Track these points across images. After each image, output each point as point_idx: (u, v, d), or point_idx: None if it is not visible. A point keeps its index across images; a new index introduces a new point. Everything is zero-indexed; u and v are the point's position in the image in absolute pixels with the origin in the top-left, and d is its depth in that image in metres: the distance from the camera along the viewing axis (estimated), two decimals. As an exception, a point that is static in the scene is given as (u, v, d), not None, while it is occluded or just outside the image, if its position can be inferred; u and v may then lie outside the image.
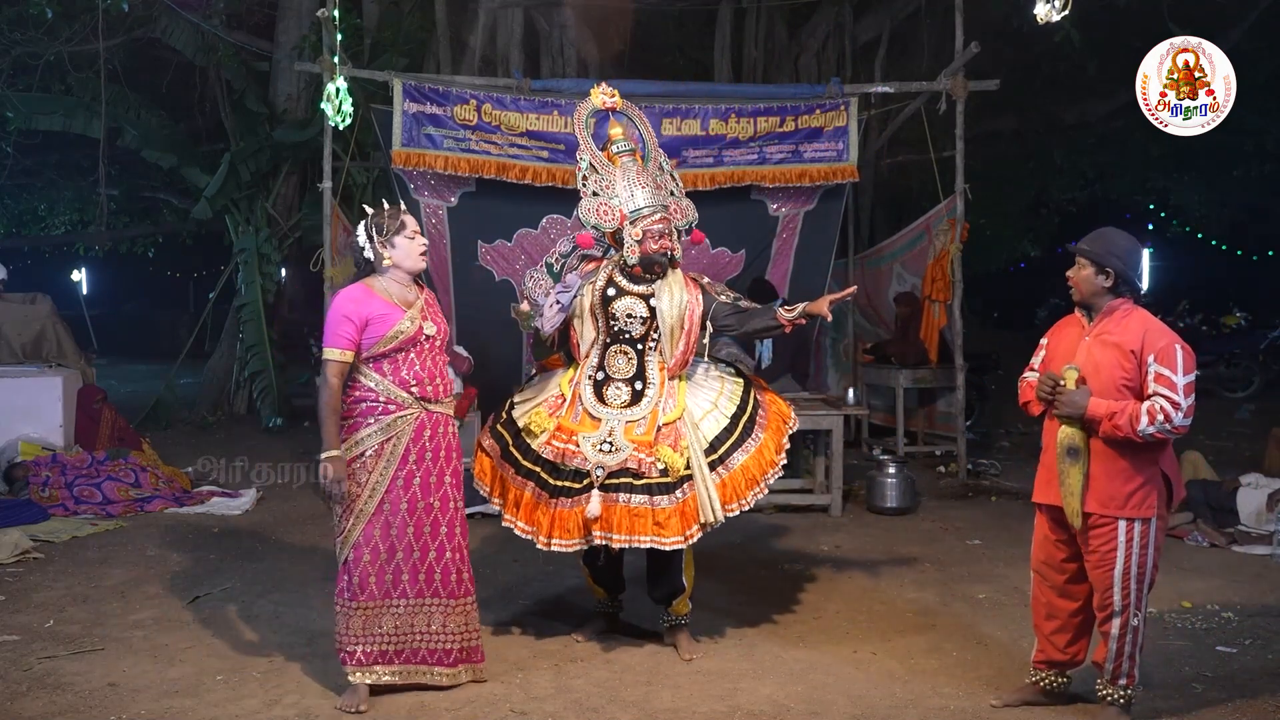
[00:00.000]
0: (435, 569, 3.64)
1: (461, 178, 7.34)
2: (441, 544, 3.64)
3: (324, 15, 6.29)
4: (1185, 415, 3.13)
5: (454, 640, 3.67)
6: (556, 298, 4.14)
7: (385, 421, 3.55)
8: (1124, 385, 3.23)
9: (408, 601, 3.60)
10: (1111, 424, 3.18)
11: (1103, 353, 3.29)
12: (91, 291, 22.63)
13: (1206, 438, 9.38)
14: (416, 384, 3.60)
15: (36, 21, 9.29)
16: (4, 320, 7.78)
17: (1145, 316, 3.31)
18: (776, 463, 4.05)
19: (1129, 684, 3.32)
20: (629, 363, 4.12)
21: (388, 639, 3.58)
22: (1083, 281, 3.36)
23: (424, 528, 3.61)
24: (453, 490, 3.69)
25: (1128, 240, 3.37)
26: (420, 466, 3.60)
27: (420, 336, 3.63)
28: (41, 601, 4.66)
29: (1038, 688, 3.54)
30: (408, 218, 3.70)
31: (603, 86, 4.41)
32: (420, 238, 3.71)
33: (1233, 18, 9.89)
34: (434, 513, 3.63)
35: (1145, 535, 3.24)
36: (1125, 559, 3.24)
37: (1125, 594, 3.25)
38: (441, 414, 3.68)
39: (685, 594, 4.10)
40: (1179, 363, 3.16)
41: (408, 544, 3.59)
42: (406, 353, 3.59)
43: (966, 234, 7.57)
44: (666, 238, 4.08)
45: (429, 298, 3.78)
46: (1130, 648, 3.29)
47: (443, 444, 3.66)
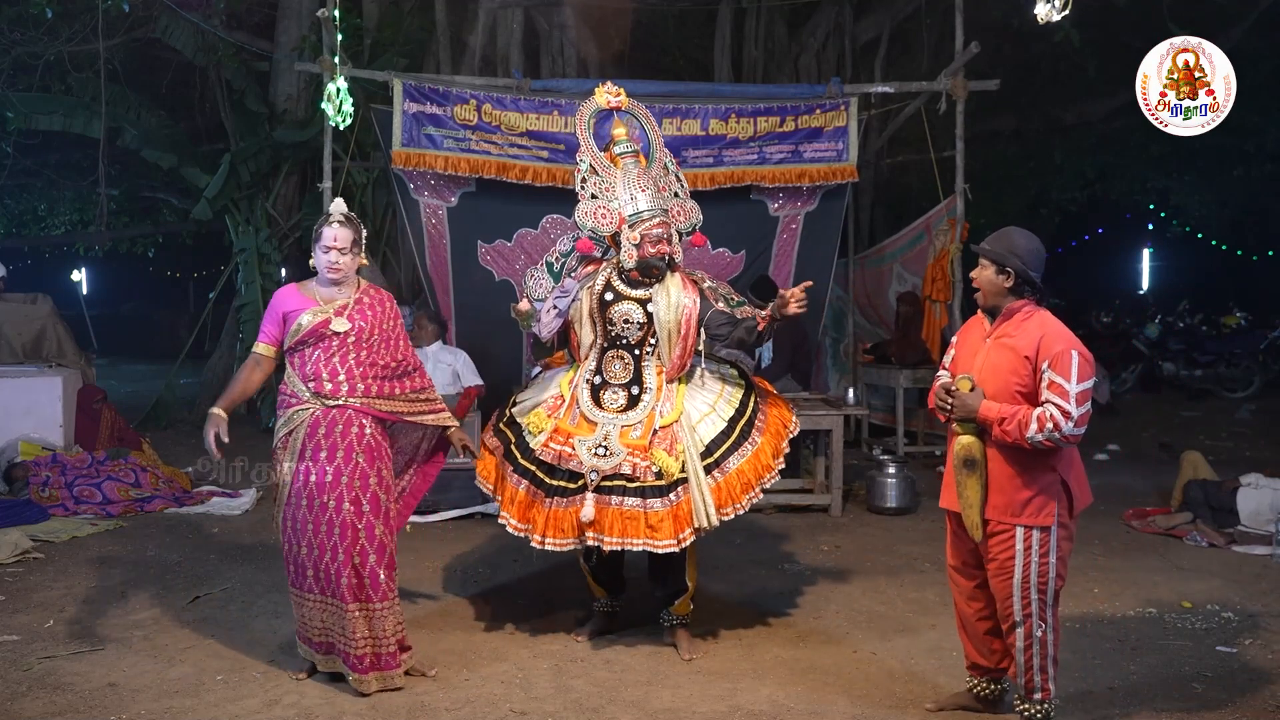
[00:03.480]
0: (332, 569, 3.58)
1: (461, 178, 7.34)
2: (336, 545, 3.57)
3: (324, 15, 6.29)
4: (1077, 424, 3.01)
5: (364, 646, 3.60)
6: (554, 302, 4.14)
7: (288, 414, 3.66)
8: (1018, 391, 3.15)
9: (315, 597, 3.65)
10: (1001, 429, 3.11)
11: (1000, 356, 3.21)
12: (91, 291, 22.64)
13: (1206, 438, 9.39)
14: (314, 379, 3.64)
15: (36, 21, 9.28)
16: (4, 320, 7.78)
17: (1045, 320, 3.20)
18: (773, 467, 4.03)
19: (1044, 698, 3.22)
20: (625, 368, 4.11)
21: (316, 630, 3.68)
22: (984, 282, 3.28)
23: (321, 526, 3.59)
24: (358, 491, 3.60)
25: (1030, 240, 3.27)
26: (315, 463, 3.60)
27: (325, 330, 3.64)
28: (41, 601, 4.66)
29: (971, 694, 3.50)
30: (327, 229, 3.70)
31: (607, 85, 4.38)
32: (334, 252, 3.68)
33: (1233, 18, 9.88)
34: (329, 512, 3.58)
35: (1045, 543, 3.15)
36: (1024, 567, 3.16)
37: (1026, 603, 3.17)
38: (344, 412, 3.62)
39: (688, 594, 4.10)
40: (1073, 370, 3.04)
41: (308, 540, 3.61)
42: (312, 348, 3.66)
43: (966, 234, 7.57)
44: (664, 242, 4.05)
45: (374, 300, 3.78)
46: (1040, 660, 3.19)
47: (340, 443, 3.60)
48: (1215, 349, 12.81)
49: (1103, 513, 6.18)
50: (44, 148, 11.67)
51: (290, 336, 3.68)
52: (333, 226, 3.71)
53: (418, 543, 5.77)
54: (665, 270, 4.12)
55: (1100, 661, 3.97)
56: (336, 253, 3.69)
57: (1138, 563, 5.37)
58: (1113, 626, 4.39)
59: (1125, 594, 4.83)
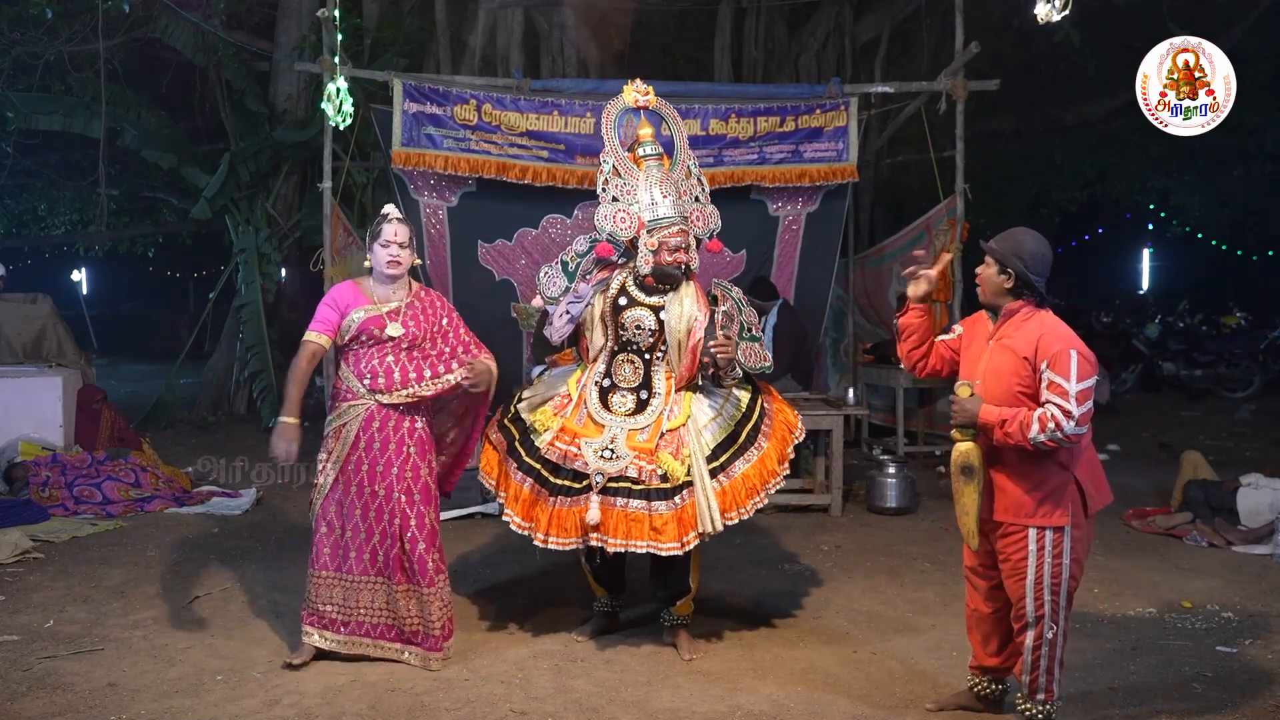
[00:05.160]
0: (379, 551, 3.86)
1: (461, 178, 7.35)
2: (385, 529, 3.84)
3: (324, 15, 6.29)
4: (1078, 424, 3.00)
5: (393, 618, 3.88)
6: (566, 308, 4.12)
7: (342, 408, 3.88)
8: (1021, 392, 3.14)
9: (354, 577, 3.88)
10: (1003, 431, 3.10)
11: (1001, 359, 3.20)
12: (91, 291, 22.66)
13: (1206, 438, 9.39)
14: (370, 377, 3.84)
15: (36, 21, 9.29)
16: (4, 320, 7.78)
17: (1045, 320, 3.19)
18: (778, 472, 4.03)
19: (1048, 699, 3.23)
20: (635, 372, 4.10)
21: (336, 608, 3.88)
22: (986, 280, 3.28)
23: (370, 511, 3.85)
24: (409, 482, 3.85)
25: (1038, 244, 3.25)
26: (369, 454, 3.84)
27: (379, 333, 3.83)
28: (41, 601, 4.66)
29: (972, 693, 3.50)
30: (386, 225, 3.91)
31: (636, 83, 4.28)
32: (394, 246, 3.88)
33: (1233, 18, 9.88)
34: (379, 499, 3.84)
35: (1058, 544, 3.15)
36: (1037, 568, 3.16)
37: (1039, 604, 3.17)
38: (395, 409, 3.85)
39: (690, 595, 4.10)
40: (1073, 369, 3.02)
41: (354, 524, 3.86)
42: (368, 349, 3.86)
43: (966, 234, 7.57)
44: (682, 251, 4.02)
45: (425, 304, 3.95)
46: (1047, 661, 3.20)
47: (393, 436, 3.85)
48: (1215, 349, 12.80)
49: (1103, 513, 6.08)
50: (44, 148, 11.68)
51: (343, 333, 3.86)
52: (392, 223, 3.91)
53: (418, 543, 5.77)
54: (680, 279, 4.09)
55: (1100, 661, 3.97)
56: (397, 246, 3.89)
57: (1138, 563, 5.37)
58: (1113, 626, 4.39)
59: (1125, 594, 4.83)
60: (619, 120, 4.21)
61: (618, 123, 4.20)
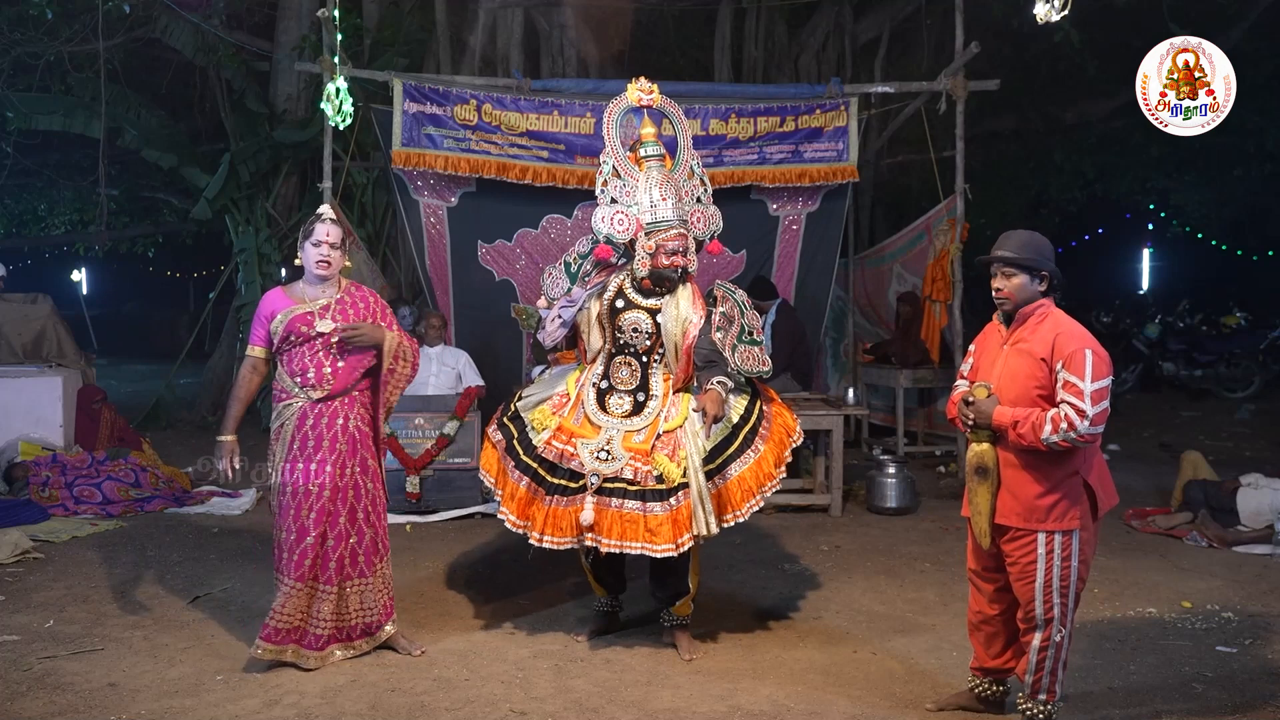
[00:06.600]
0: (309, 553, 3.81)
1: (461, 178, 7.35)
2: (312, 528, 3.80)
3: (324, 15, 6.29)
4: (1093, 423, 3.00)
5: (326, 625, 3.85)
6: (559, 312, 4.12)
7: (279, 409, 3.90)
8: (1039, 394, 3.14)
9: (290, 583, 3.82)
10: (1016, 433, 3.11)
11: (1018, 362, 3.20)
12: (91, 291, 22.68)
13: (1206, 438, 9.40)
14: (301, 374, 3.85)
15: (36, 21, 9.30)
16: (4, 320, 7.78)
17: (1059, 320, 3.20)
18: (775, 475, 4.03)
19: (1049, 700, 3.25)
20: (633, 374, 4.09)
21: (282, 617, 3.81)
22: (1016, 290, 3.25)
23: (302, 511, 3.81)
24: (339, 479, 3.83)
25: (1040, 237, 3.29)
26: (303, 453, 3.83)
27: (309, 329, 3.82)
28: (41, 601, 4.66)
29: (973, 694, 3.51)
30: (319, 225, 3.89)
31: (640, 82, 4.27)
32: (325, 246, 3.86)
33: (1233, 18, 9.88)
34: (311, 498, 3.81)
35: (1067, 547, 3.15)
36: (1046, 571, 3.16)
37: (1048, 607, 3.17)
38: (329, 405, 3.85)
39: (689, 596, 4.10)
40: (1087, 369, 3.03)
41: (288, 526, 3.83)
42: (299, 347, 3.86)
43: (966, 234, 7.57)
44: (680, 254, 4.00)
45: (355, 299, 3.94)
46: (1052, 662, 3.21)
47: (327, 434, 3.85)
48: (1215, 349, 12.80)
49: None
50: (44, 148, 11.69)
51: (274, 336, 3.88)
52: (324, 223, 3.90)
53: (418, 543, 5.77)
54: (677, 282, 4.08)
55: (1100, 661, 3.97)
56: (328, 247, 3.88)
57: (1138, 563, 5.37)
58: (1113, 626, 4.39)
59: (1125, 594, 4.83)
60: (620, 119, 4.20)
61: (619, 122, 4.18)
